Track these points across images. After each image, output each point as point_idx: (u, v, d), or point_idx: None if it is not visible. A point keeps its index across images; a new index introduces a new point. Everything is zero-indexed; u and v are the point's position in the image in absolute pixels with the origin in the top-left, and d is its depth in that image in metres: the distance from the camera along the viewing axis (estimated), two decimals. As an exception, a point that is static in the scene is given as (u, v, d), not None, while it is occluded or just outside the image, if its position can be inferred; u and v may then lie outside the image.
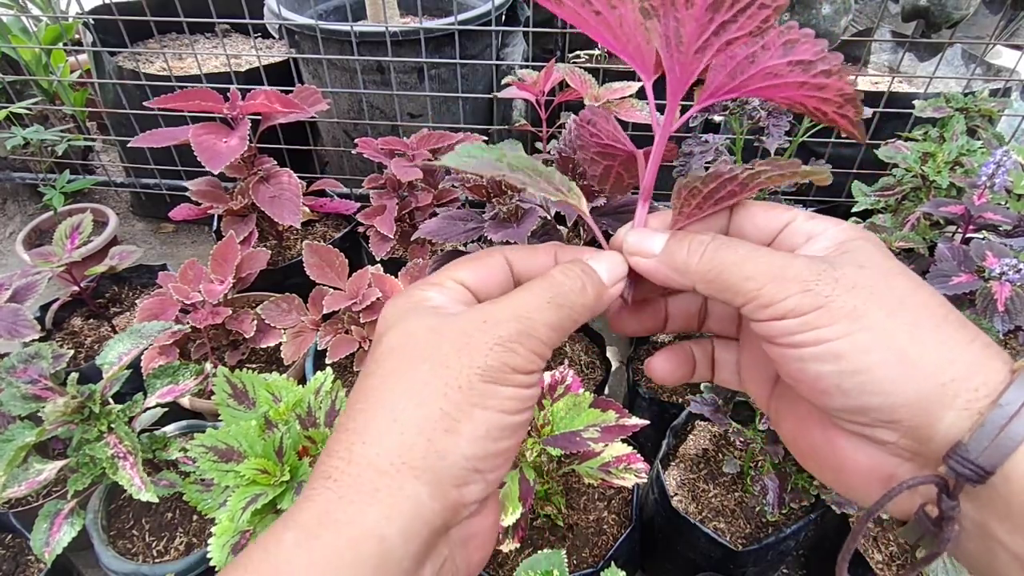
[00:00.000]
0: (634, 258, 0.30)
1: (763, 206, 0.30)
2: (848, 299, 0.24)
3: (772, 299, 0.25)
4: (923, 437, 0.24)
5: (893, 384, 0.23)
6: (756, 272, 0.26)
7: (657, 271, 0.29)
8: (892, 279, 0.25)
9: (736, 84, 0.28)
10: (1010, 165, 0.79)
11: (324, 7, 1.76)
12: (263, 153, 1.24)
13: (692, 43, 0.27)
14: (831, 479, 0.29)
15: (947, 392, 0.23)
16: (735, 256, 0.27)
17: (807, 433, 0.29)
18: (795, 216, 0.29)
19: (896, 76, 1.51)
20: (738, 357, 0.34)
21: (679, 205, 0.30)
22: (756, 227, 0.30)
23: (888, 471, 0.26)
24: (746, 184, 0.29)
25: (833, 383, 0.24)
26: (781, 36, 0.26)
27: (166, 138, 1.13)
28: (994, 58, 1.63)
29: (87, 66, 1.85)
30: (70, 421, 0.73)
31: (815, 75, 0.27)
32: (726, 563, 0.92)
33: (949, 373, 0.23)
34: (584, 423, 0.75)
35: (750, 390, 0.33)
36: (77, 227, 1.15)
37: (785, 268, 0.25)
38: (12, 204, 1.95)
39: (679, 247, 0.28)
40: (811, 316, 0.24)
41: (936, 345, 0.24)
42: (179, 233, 1.91)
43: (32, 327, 0.96)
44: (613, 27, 0.28)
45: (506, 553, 0.88)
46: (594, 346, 1.25)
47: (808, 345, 0.25)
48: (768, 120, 0.94)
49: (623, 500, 0.95)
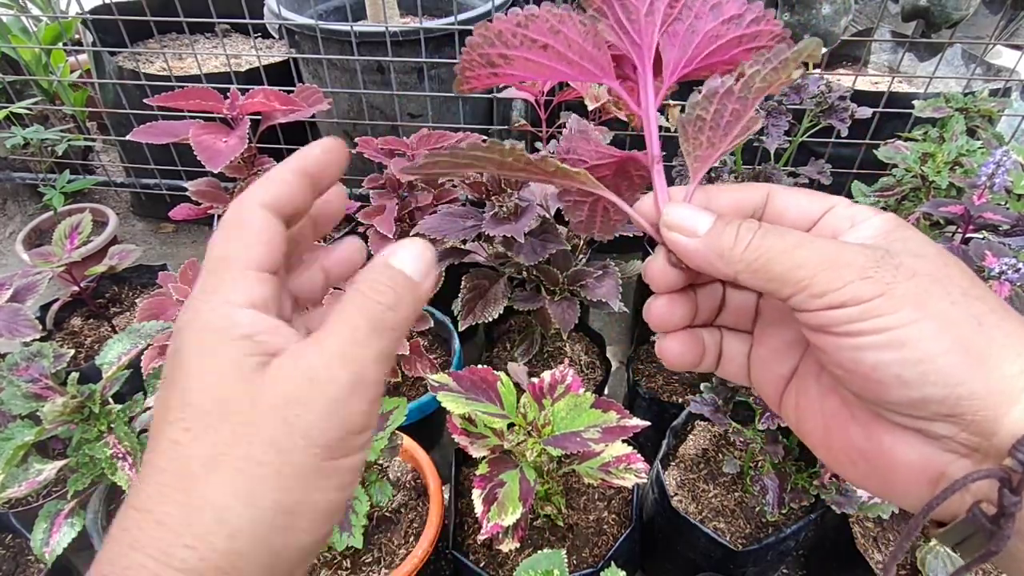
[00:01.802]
0: (674, 235, 0.28)
1: (804, 192, 0.29)
2: (911, 286, 0.23)
3: (827, 287, 0.24)
4: (986, 431, 0.23)
5: (958, 375, 0.23)
6: (807, 260, 0.24)
7: (697, 254, 0.27)
8: (951, 270, 0.24)
9: (690, 56, 0.30)
10: (1010, 165, 0.79)
11: (324, 7, 1.76)
12: (263, 153, 1.24)
13: (640, 9, 0.29)
14: (870, 480, 0.27)
15: (1016, 385, 0.22)
16: (784, 244, 0.25)
17: (843, 433, 0.28)
18: (837, 202, 0.28)
19: (896, 76, 1.51)
20: (749, 351, 0.32)
21: (690, 149, 0.29)
22: (799, 210, 0.29)
23: (939, 469, 0.24)
24: (745, 96, 0.28)
25: (893, 373, 0.23)
26: (706, 3, 0.29)
27: (165, 132, 1.13)
28: (994, 58, 1.63)
29: (87, 66, 1.85)
30: (70, 421, 0.73)
31: (748, 25, 0.29)
32: (726, 563, 0.92)
33: (1018, 365, 0.23)
34: (585, 424, 0.75)
35: (760, 386, 0.32)
36: (77, 227, 1.15)
37: (840, 255, 0.24)
38: (12, 204, 1.95)
39: (727, 231, 0.26)
40: (873, 303, 0.23)
41: (1003, 337, 0.23)
42: (179, 233, 1.91)
43: (33, 327, 0.96)
44: (563, 52, 0.29)
45: (506, 553, 0.88)
46: (594, 346, 1.26)
47: (869, 333, 0.23)
48: (767, 120, 0.94)
49: (623, 500, 0.95)
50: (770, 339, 0.31)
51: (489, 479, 0.74)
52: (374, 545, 0.91)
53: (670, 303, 0.30)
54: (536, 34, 0.28)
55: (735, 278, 0.27)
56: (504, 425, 0.78)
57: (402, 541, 0.91)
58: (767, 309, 0.31)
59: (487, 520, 0.71)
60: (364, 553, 0.90)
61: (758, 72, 0.28)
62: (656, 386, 1.22)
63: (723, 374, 0.33)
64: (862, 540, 0.93)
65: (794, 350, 0.30)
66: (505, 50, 0.28)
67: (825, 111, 0.97)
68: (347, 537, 0.75)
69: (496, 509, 0.71)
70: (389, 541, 0.91)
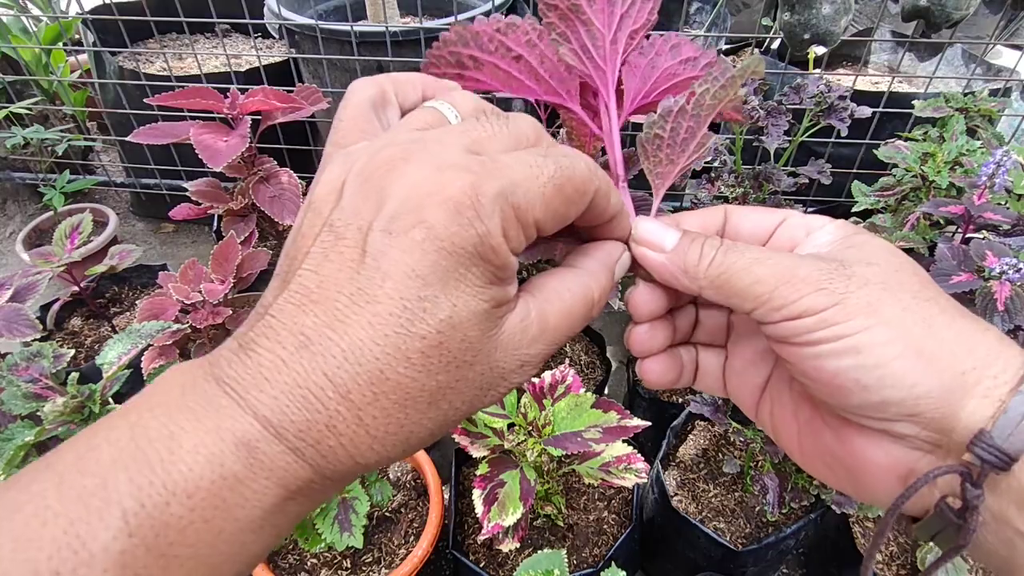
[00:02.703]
0: (642, 250, 0.29)
1: (758, 208, 0.31)
2: (863, 295, 0.24)
3: (785, 301, 0.25)
4: (945, 428, 0.24)
5: (913, 376, 0.23)
6: (765, 275, 0.26)
7: (664, 269, 0.29)
8: (902, 276, 0.26)
9: (649, 87, 0.32)
10: (1010, 165, 0.79)
11: (324, 7, 1.76)
12: (263, 153, 1.24)
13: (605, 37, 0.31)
14: (845, 481, 0.28)
15: (968, 381, 0.23)
16: (744, 260, 0.26)
17: (815, 437, 0.29)
18: (789, 215, 0.30)
19: (896, 76, 1.51)
20: (724, 364, 0.33)
21: (651, 167, 0.31)
22: (752, 225, 0.30)
23: (908, 466, 0.25)
24: (697, 114, 0.30)
25: (852, 378, 0.24)
26: (667, 43, 0.32)
27: (166, 133, 1.13)
28: (994, 58, 1.63)
29: (87, 66, 1.85)
30: (70, 421, 0.73)
31: (702, 68, 0.32)
32: (726, 563, 0.92)
33: (968, 362, 0.24)
34: (585, 424, 0.75)
35: (736, 396, 0.33)
36: (77, 227, 1.15)
37: (795, 269, 0.25)
38: (12, 204, 1.95)
39: (692, 248, 0.28)
40: (827, 313, 0.24)
41: (953, 336, 0.24)
42: (179, 233, 1.91)
43: (33, 327, 0.96)
44: (534, 67, 0.30)
45: (506, 553, 0.88)
46: (594, 346, 1.26)
47: (826, 342, 0.24)
48: (767, 120, 0.94)
49: (623, 500, 0.95)
50: (743, 351, 0.32)
51: (489, 479, 0.74)
52: (374, 545, 0.91)
53: (651, 330, 0.31)
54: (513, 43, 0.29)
55: (700, 293, 0.28)
56: (504, 425, 0.78)
57: (402, 541, 0.91)
58: (738, 323, 0.33)
59: (487, 520, 0.71)
60: (364, 553, 0.90)
61: (707, 90, 0.29)
62: (656, 386, 1.22)
63: (700, 387, 0.34)
64: (862, 540, 0.93)
65: (766, 360, 0.32)
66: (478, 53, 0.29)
67: (825, 111, 0.97)
68: (347, 537, 0.75)
69: (496, 509, 0.71)
70: (389, 541, 0.91)
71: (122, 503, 0.19)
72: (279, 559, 0.89)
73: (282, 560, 0.89)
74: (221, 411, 0.20)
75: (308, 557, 0.90)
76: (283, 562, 0.89)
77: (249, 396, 0.20)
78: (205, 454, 0.20)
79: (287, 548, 0.91)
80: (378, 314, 0.20)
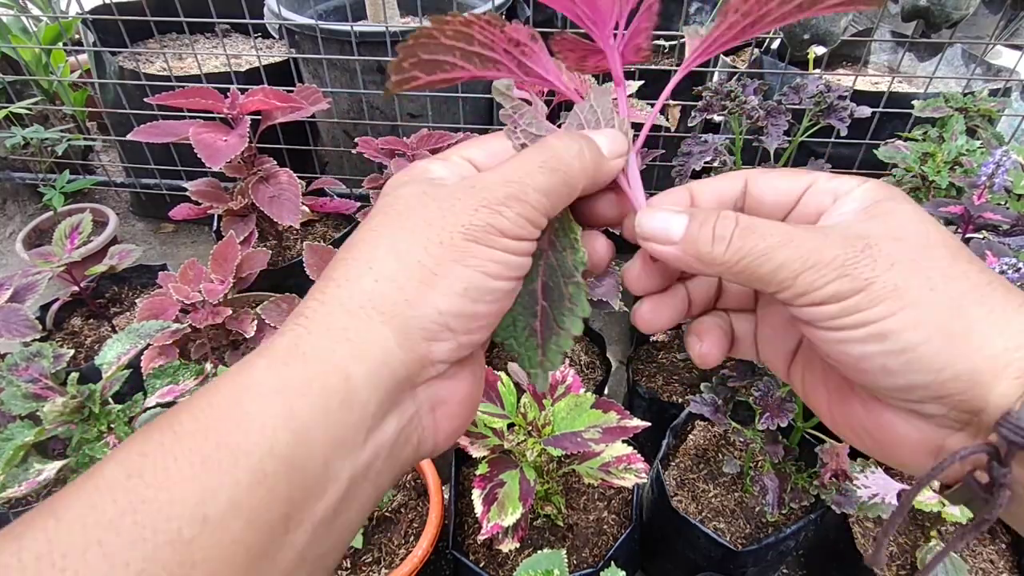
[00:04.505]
0: (651, 245, 0.28)
1: (781, 172, 0.29)
2: (889, 278, 0.24)
3: (808, 287, 0.24)
4: (974, 409, 0.23)
5: (941, 361, 0.23)
6: (787, 260, 0.25)
7: (679, 260, 0.27)
8: (932, 251, 0.25)
9: None
10: (1009, 165, 0.79)
11: (324, 7, 1.76)
12: (263, 153, 1.24)
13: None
14: (874, 451, 0.28)
15: (998, 363, 0.23)
16: (764, 244, 0.25)
17: (846, 408, 0.28)
18: (816, 178, 0.28)
19: (896, 76, 1.51)
20: (755, 329, 0.32)
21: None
22: (777, 193, 0.29)
23: (937, 442, 0.25)
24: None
25: (878, 363, 0.24)
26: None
27: (166, 132, 1.13)
28: (994, 58, 1.62)
29: (87, 66, 1.85)
30: (70, 421, 0.73)
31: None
32: (726, 563, 0.92)
33: (999, 344, 0.23)
34: (585, 424, 0.75)
35: (768, 361, 0.33)
36: (77, 227, 1.15)
37: (819, 252, 0.24)
38: (12, 204, 1.95)
39: (703, 233, 0.26)
40: (852, 300, 0.24)
41: (983, 316, 0.23)
42: (179, 233, 1.91)
43: (33, 327, 0.96)
44: None
45: (506, 553, 0.88)
46: (594, 346, 1.26)
47: (851, 328, 0.24)
48: (767, 120, 0.94)
49: (623, 500, 0.95)
50: (772, 318, 0.32)
51: (489, 479, 0.74)
52: (374, 545, 0.91)
53: (655, 306, 0.31)
54: None
55: (720, 277, 0.27)
56: (504, 425, 0.78)
57: (402, 541, 0.91)
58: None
59: (487, 520, 0.71)
60: (364, 553, 0.90)
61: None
62: (656, 386, 1.22)
63: (736, 354, 0.33)
64: (862, 540, 0.93)
65: (795, 327, 0.31)
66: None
67: (825, 111, 0.97)
68: (347, 537, 0.75)
69: (496, 509, 0.71)
70: (389, 541, 0.91)
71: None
72: (279, 559, 0.89)
73: (282, 560, 0.89)
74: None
75: (308, 557, 0.90)
76: (283, 562, 0.89)
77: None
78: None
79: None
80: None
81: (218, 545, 0.19)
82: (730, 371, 0.88)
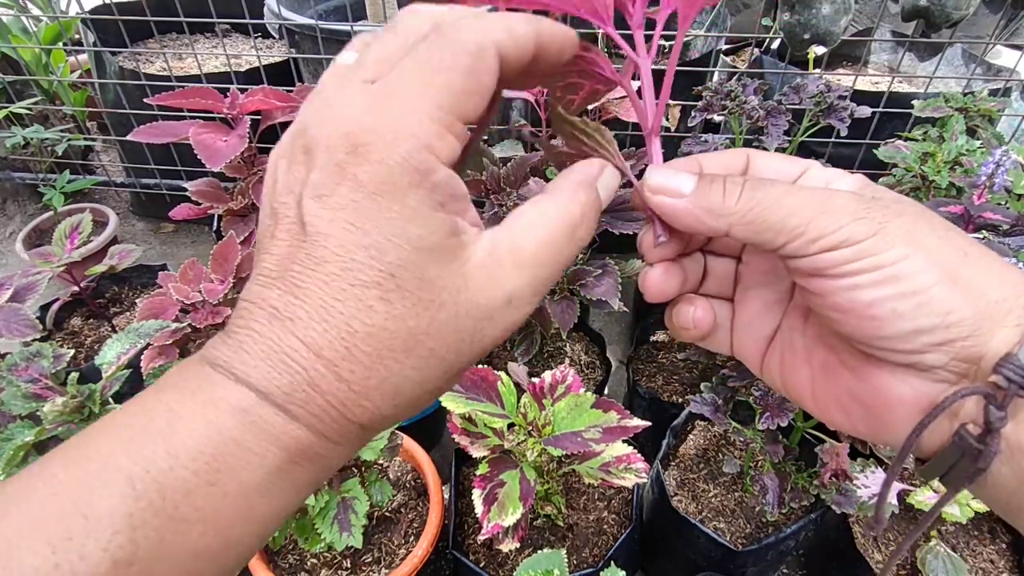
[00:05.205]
0: (659, 198, 0.28)
1: (780, 156, 0.31)
2: (901, 223, 0.25)
3: (823, 231, 0.25)
4: (974, 356, 0.24)
5: (949, 303, 0.24)
6: (800, 207, 0.25)
7: (688, 214, 0.27)
8: (928, 212, 0.26)
9: None
10: (1009, 165, 0.79)
11: (324, 7, 1.76)
12: (263, 153, 1.24)
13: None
14: (861, 422, 0.28)
15: (1000, 309, 0.24)
16: (776, 192, 0.26)
17: (830, 380, 0.29)
18: (811, 165, 0.30)
19: (896, 76, 1.51)
20: (731, 316, 0.33)
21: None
22: (776, 172, 0.30)
23: (931, 399, 0.26)
24: None
25: (889, 307, 0.24)
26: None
27: (166, 132, 1.13)
28: (994, 58, 1.62)
29: (87, 66, 1.85)
30: (70, 421, 0.73)
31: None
32: (726, 563, 0.92)
33: (1001, 291, 0.24)
34: (585, 424, 0.75)
35: (742, 352, 0.33)
36: (77, 227, 1.15)
37: (831, 200, 0.25)
38: (12, 204, 1.95)
39: (714, 187, 0.27)
40: (868, 243, 0.24)
41: (986, 265, 0.25)
42: (179, 233, 1.91)
43: (33, 326, 0.96)
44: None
45: (506, 553, 0.88)
46: (594, 346, 1.25)
47: (864, 272, 0.24)
48: (767, 120, 0.94)
49: (623, 500, 0.95)
50: (751, 302, 0.32)
51: (489, 479, 0.74)
52: (374, 545, 0.91)
53: (665, 273, 0.31)
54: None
55: (728, 232, 0.27)
56: (504, 425, 0.78)
57: (402, 541, 0.91)
58: (746, 273, 0.33)
59: (487, 520, 0.71)
60: (364, 553, 0.90)
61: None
62: (656, 386, 1.22)
63: (711, 345, 0.34)
64: (862, 540, 0.93)
65: (774, 310, 0.32)
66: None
67: (825, 111, 0.97)
68: (347, 537, 0.75)
69: (496, 509, 0.71)
70: (389, 541, 0.91)
71: (127, 470, 0.20)
72: (279, 559, 0.89)
73: (282, 560, 0.89)
74: (215, 385, 0.21)
75: (308, 557, 0.90)
76: (283, 562, 0.89)
77: (235, 369, 0.21)
78: (203, 421, 0.21)
79: (287, 548, 0.91)
80: (329, 273, 0.21)
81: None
82: (730, 371, 0.88)
